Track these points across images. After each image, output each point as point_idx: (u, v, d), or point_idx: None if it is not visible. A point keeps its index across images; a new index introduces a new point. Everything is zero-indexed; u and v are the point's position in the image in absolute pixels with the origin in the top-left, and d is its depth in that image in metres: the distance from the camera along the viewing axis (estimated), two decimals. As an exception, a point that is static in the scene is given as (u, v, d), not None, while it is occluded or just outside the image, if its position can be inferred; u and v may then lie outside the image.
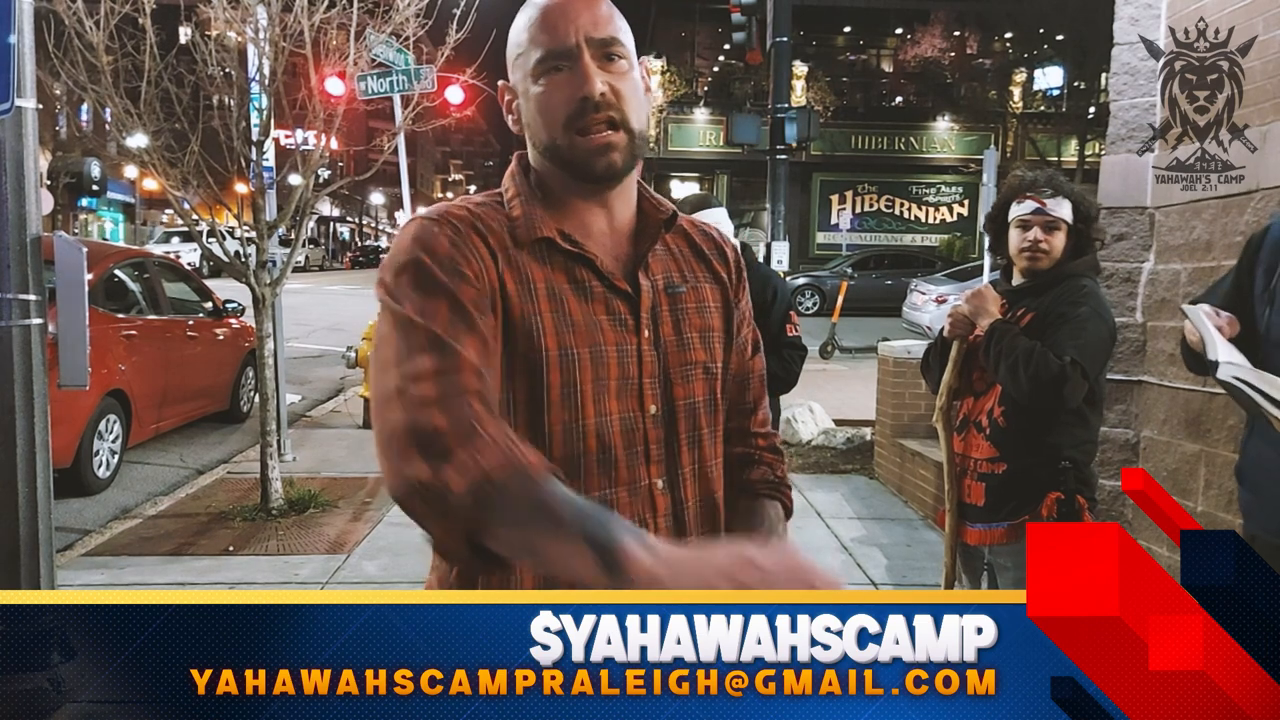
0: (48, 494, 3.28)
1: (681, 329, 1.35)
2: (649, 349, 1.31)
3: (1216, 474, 3.59)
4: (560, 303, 1.26)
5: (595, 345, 1.26)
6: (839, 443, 8.12)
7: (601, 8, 1.29)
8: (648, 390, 1.30)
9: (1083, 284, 2.70)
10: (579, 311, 1.27)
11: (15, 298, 3.13)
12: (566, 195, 1.32)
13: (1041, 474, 2.65)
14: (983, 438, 2.74)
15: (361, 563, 5.15)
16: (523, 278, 1.25)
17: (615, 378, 1.27)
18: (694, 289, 1.38)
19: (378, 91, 8.53)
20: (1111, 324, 2.74)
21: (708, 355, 1.37)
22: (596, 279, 1.29)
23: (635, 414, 1.29)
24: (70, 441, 6.17)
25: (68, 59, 5.40)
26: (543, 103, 1.28)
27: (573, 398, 1.24)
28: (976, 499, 2.75)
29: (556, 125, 1.27)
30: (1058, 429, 2.65)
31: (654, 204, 1.39)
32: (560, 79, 1.26)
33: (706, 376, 1.36)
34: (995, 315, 2.69)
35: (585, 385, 1.25)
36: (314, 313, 18.15)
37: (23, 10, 3.06)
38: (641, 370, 1.30)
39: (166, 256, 9.91)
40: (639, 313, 1.31)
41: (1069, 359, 2.53)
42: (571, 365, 1.24)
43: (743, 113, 19.21)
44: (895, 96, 30.43)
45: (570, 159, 1.28)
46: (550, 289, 1.26)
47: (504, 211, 1.30)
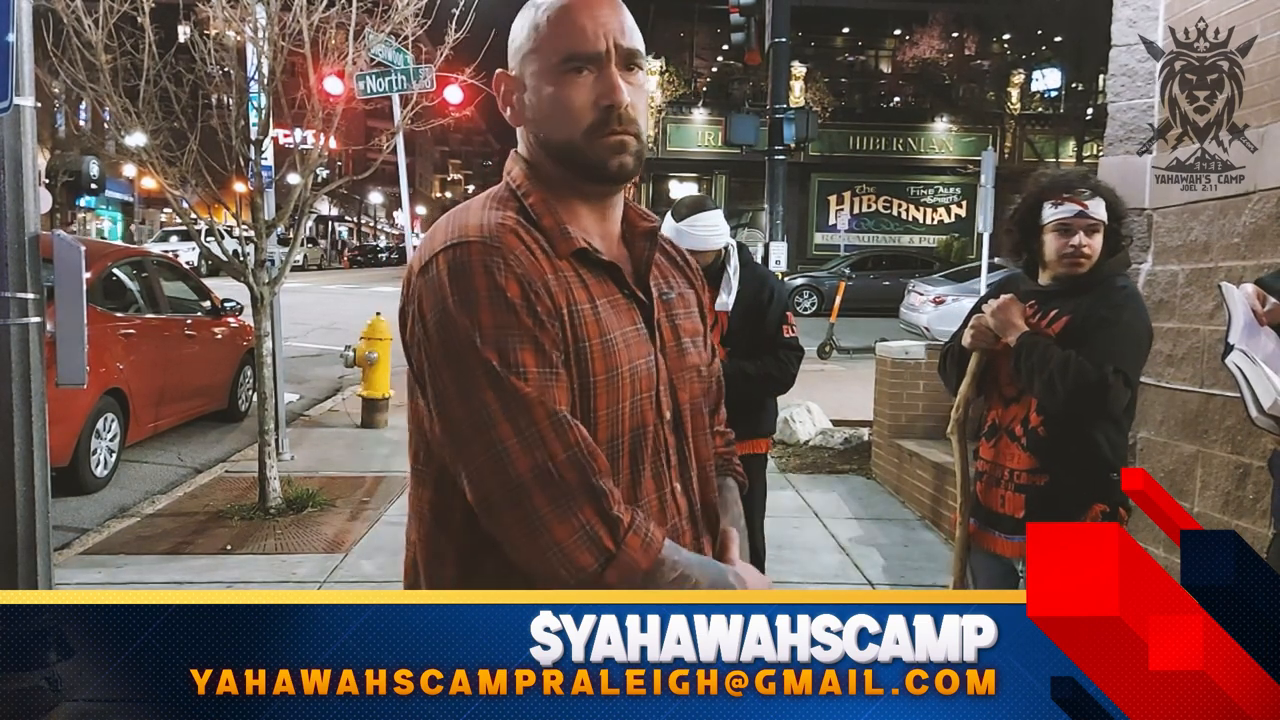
0: (45, 493, 3.27)
1: (679, 335, 1.36)
2: (659, 356, 1.31)
3: (1213, 475, 3.59)
4: (603, 323, 1.24)
5: (633, 363, 1.26)
6: (837, 443, 8.12)
7: (627, 16, 1.28)
8: (663, 397, 1.31)
9: (1122, 285, 2.60)
10: (616, 329, 1.25)
11: (13, 296, 3.12)
12: (570, 198, 1.30)
13: (1088, 486, 2.56)
14: (1018, 447, 2.61)
15: (359, 562, 5.15)
16: (570, 299, 1.22)
17: (645, 391, 1.28)
18: (680, 295, 1.40)
19: (376, 91, 8.52)
20: (1149, 325, 2.64)
21: (699, 359, 1.39)
22: (619, 289, 1.29)
23: (656, 424, 1.30)
24: (68, 440, 6.16)
25: (66, 57, 5.39)
26: (562, 103, 1.25)
27: (615, 416, 1.24)
28: (1014, 510, 2.62)
29: (577, 129, 1.24)
30: (1099, 438, 2.55)
31: (639, 213, 1.38)
32: (583, 81, 1.24)
33: (700, 380, 1.38)
34: (1022, 327, 2.56)
35: (624, 404, 1.25)
36: (312, 312, 18.13)
37: (21, 8, 3.05)
38: (657, 378, 1.30)
39: (165, 255, 9.90)
40: (652, 320, 1.31)
41: (1111, 368, 2.41)
42: (615, 387, 1.24)
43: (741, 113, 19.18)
44: (893, 97, 30.44)
45: (586, 159, 1.25)
46: (594, 309, 1.24)
47: (533, 220, 1.26)
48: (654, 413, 1.29)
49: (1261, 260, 3.37)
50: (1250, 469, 3.44)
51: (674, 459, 1.32)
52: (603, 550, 1.14)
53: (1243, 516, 3.40)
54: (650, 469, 1.28)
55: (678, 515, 1.31)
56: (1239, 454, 3.52)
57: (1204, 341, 3.68)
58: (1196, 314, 3.77)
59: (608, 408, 1.23)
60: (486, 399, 1.15)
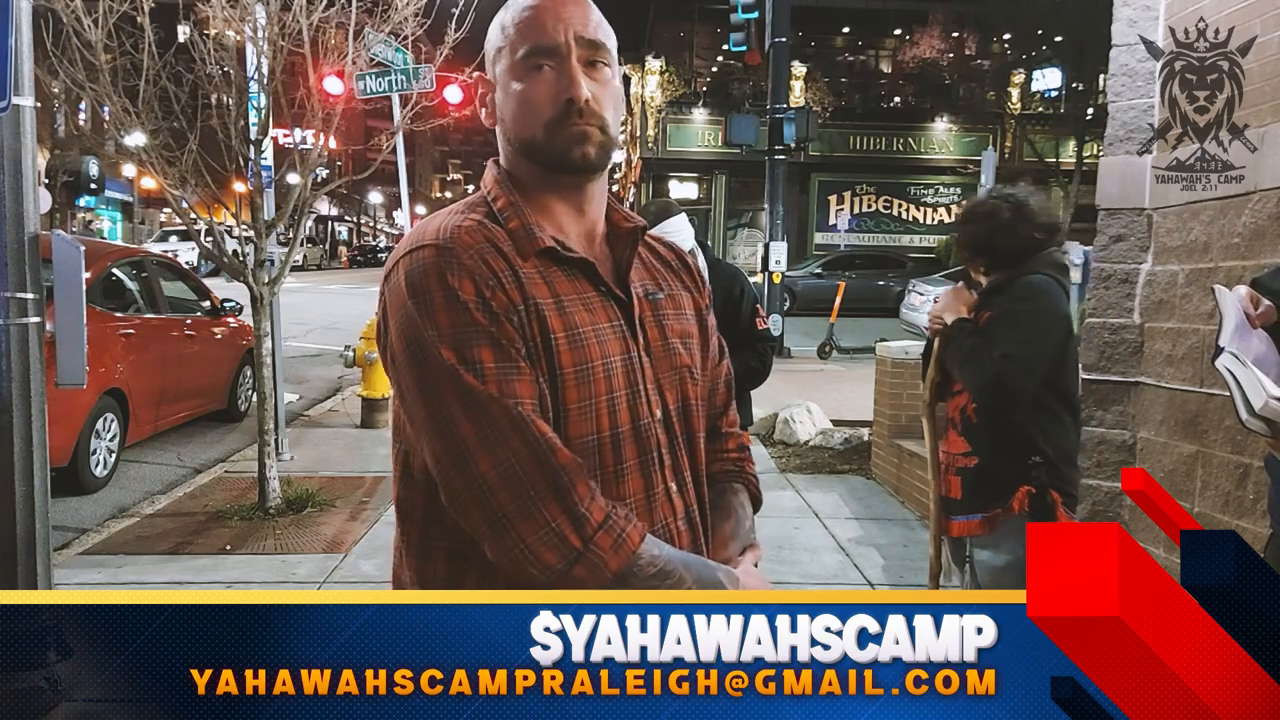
0: (45, 493, 3.27)
1: (667, 335, 1.36)
2: (644, 355, 1.31)
3: (1213, 475, 3.59)
4: (569, 317, 1.25)
5: (607, 359, 1.26)
6: (836, 443, 8.13)
7: (591, 10, 1.30)
8: (651, 397, 1.31)
9: (1030, 281, 2.74)
10: (587, 324, 1.26)
11: (13, 296, 3.12)
12: (544, 196, 1.31)
13: (1010, 468, 2.69)
14: (957, 433, 2.83)
15: (359, 562, 5.15)
16: (534, 296, 1.23)
17: (624, 387, 1.28)
18: (670, 296, 1.40)
19: (376, 91, 8.52)
20: (1058, 315, 2.72)
21: (691, 360, 1.39)
22: (593, 287, 1.29)
23: (646, 421, 1.29)
24: (68, 440, 6.16)
25: (66, 57, 5.39)
26: (524, 99, 1.27)
27: (589, 411, 1.24)
28: (955, 493, 2.84)
29: (538, 124, 1.26)
30: (1027, 424, 2.68)
31: (623, 215, 1.39)
32: (544, 77, 1.25)
33: (692, 381, 1.38)
34: (961, 314, 2.79)
35: (600, 399, 1.25)
36: (312, 312, 18.13)
37: (21, 8, 3.06)
38: (643, 377, 1.30)
39: (164, 255, 9.89)
40: (633, 319, 1.31)
41: (998, 354, 2.60)
42: (587, 381, 1.24)
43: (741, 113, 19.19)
44: (893, 97, 30.44)
45: (550, 151, 1.27)
46: (559, 304, 1.25)
47: (499, 224, 1.27)
48: (644, 410, 1.29)
49: (1262, 260, 3.37)
50: (1250, 469, 3.44)
51: (667, 459, 1.32)
52: (569, 548, 1.14)
53: (1243, 516, 3.40)
54: (637, 466, 1.28)
55: (672, 515, 1.31)
56: (1239, 454, 3.52)
57: (1203, 341, 3.68)
58: (1196, 314, 3.77)
59: (579, 401, 1.23)
60: (447, 399, 1.17)
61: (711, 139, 27.36)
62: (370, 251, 50.17)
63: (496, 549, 1.16)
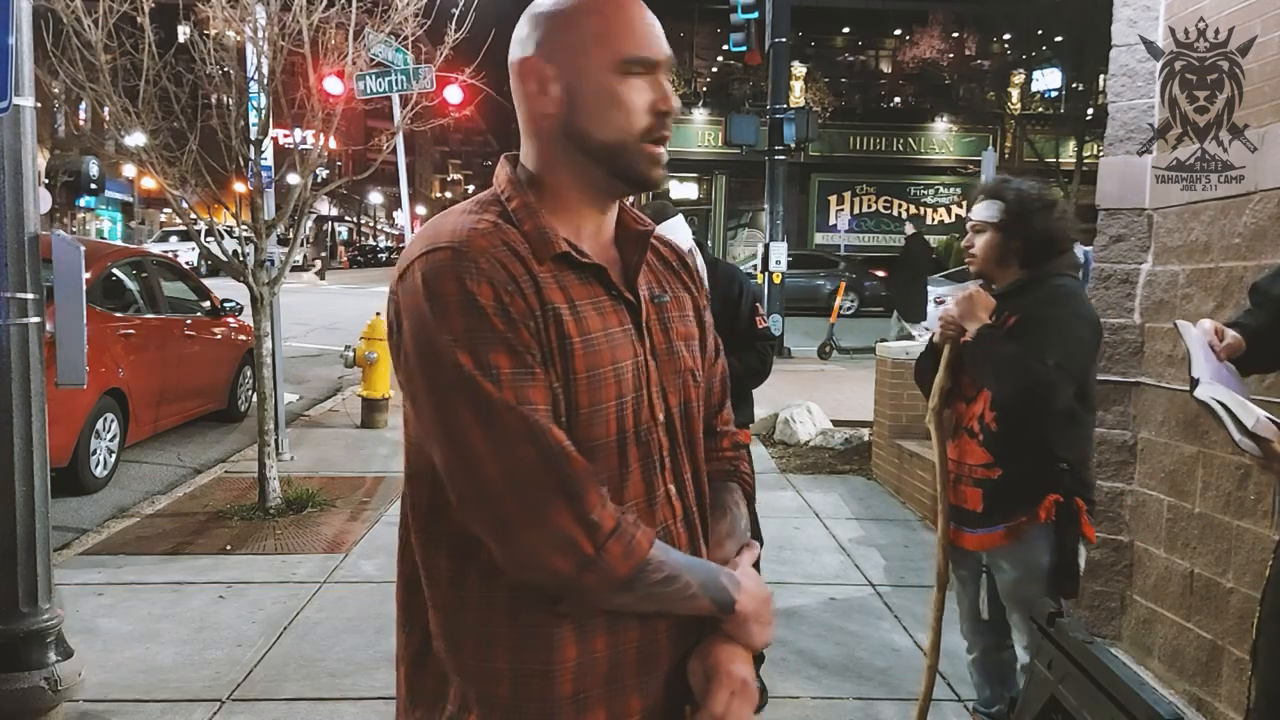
0: (45, 493, 3.27)
1: (671, 338, 1.36)
2: (650, 359, 1.31)
3: (1214, 475, 3.59)
4: (584, 322, 1.24)
5: (618, 363, 1.26)
6: (837, 443, 8.13)
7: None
8: (655, 400, 1.30)
9: (1059, 284, 2.71)
10: (599, 328, 1.25)
11: (13, 296, 3.12)
12: (575, 199, 1.29)
13: (1038, 477, 2.65)
14: (976, 443, 2.73)
15: (359, 562, 5.15)
16: (551, 301, 1.22)
17: (631, 391, 1.27)
18: (675, 298, 1.40)
19: (376, 91, 8.53)
20: (1093, 321, 2.73)
21: (693, 363, 1.38)
22: (605, 291, 1.28)
23: (649, 425, 1.29)
24: (68, 440, 6.16)
25: (66, 57, 5.39)
26: (623, 102, 1.24)
27: (599, 416, 1.24)
28: (974, 505, 2.74)
29: (633, 129, 1.25)
30: (1051, 430, 2.64)
31: (634, 217, 1.39)
32: (643, 84, 1.25)
33: (694, 383, 1.38)
34: (983, 320, 2.67)
35: (609, 403, 1.24)
36: (312, 312, 18.13)
37: (21, 8, 3.05)
38: (648, 381, 1.30)
39: (164, 255, 9.89)
40: (640, 322, 1.31)
41: (1052, 362, 2.52)
42: (598, 385, 1.23)
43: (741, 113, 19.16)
44: (894, 97, 30.46)
45: (631, 163, 1.26)
46: (574, 308, 1.23)
47: (514, 226, 1.25)
48: (647, 414, 1.29)
49: (1262, 260, 3.37)
50: (1251, 469, 3.43)
51: (668, 461, 1.31)
52: (581, 555, 1.14)
53: (1244, 517, 3.40)
54: (640, 470, 1.28)
55: (671, 518, 1.31)
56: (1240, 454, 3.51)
57: (1204, 342, 3.67)
58: (1197, 314, 3.76)
59: (590, 406, 1.22)
60: (461, 403, 1.16)
61: (711, 139, 27.38)
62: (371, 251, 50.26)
63: (506, 554, 1.16)
